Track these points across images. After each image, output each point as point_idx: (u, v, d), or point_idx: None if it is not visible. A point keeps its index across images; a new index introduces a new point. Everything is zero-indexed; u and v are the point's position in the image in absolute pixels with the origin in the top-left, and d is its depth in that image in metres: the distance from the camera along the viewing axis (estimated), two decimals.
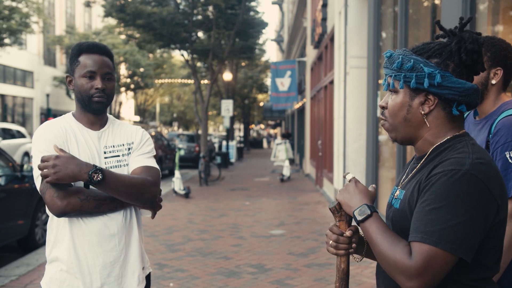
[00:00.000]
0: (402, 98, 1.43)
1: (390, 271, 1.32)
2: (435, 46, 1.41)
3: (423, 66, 1.38)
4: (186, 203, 10.49)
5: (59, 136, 1.92)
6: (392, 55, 1.45)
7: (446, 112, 1.41)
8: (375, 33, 7.09)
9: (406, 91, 1.42)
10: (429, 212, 1.28)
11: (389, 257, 1.32)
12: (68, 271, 1.92)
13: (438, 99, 1.39)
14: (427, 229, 1.27)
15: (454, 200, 1.26)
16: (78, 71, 1.97)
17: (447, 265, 1.27)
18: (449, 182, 1.28)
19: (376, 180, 7.15)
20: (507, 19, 4.06)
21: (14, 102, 31.71)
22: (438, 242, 1.25)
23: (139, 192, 1.91)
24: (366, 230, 1.40)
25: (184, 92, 52.84)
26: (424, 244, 1.27)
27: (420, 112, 1.41)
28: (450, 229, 1.25)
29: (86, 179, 1.80)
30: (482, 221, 1.28)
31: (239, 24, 17.85)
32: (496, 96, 2.02)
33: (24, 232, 6.17)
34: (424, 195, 1.32)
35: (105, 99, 1.98)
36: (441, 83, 1.36)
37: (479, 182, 1.28)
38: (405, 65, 1.40)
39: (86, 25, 41.94)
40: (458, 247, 1.25)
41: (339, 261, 1.54)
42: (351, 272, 5.16)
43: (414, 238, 1.30)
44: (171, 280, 4.98)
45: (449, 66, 1.38)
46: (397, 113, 1.44)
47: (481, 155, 1.34)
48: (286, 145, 17.55)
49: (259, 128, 74.68)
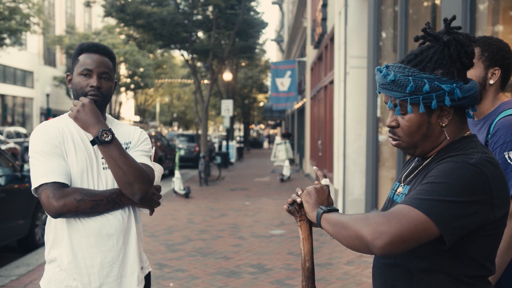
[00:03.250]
0: (419, 117, 1.39)
1: (359, 233, 1.26)
2: (433, 55, 1.37)
3: (439, 84, 1.34)
4: (186, 203, 10.49)
5: (56, 137, 1.92)
6: (397, 78, 1.38)
7: (460, 116, 1.42)
8: (375, 33, 7.09)
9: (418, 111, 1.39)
10: (426, 185, 1.29)
11: (358, 218, 1.29)
12: (67, 271, 1.92)
13: (453, 108, 1.39)
14: (418, 197, 1.27)
15: (455, 181, 1.26)
16: (76, 69, 1.98)
17: (423, 231, 1.23)
18: (455, 166, 1.29)
19: (376, 180, 7.15)
20: (507, 19, 4.06)
21: (14, 102, 31.72)
22: (425, 209, 1.23)
23: (134, 176, 1.89)
24: (328, 217, 1.40)
25: (184, 92, 52.84)
26: (408, 206, 1.25)
27: (439, 125, 1.40)
28: (441, 203, 1.24)
29: (95, 134, 1.88)
30: (475, 211, 1.27)
31: (239, 24, 17.85)
32: (494, 96, 2.02)
33: (24, 232, 6.17)
34: (427, 177, 1.33)
35: (99, 98, 1.97)
36: (460, 96, 1.35)
37: (484, 176, 1.28)
38: (422, 87, 1.34)
39: (86, 25, 41.95)
40: (441, 220, 1.23)
41: (304, 260, 1.55)
42: (351, 272, 5.16)
43: (402, 202, 1.29)
44: (171, 280, 4.98)
45: (454, 73, 1.37)
46: (415, 132, 1.42)
47: (491, 155, 1.36)
48: (286, 145, 17.55)
49: (259, 128, 74.67)
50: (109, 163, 1.90)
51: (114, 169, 1.90)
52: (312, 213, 1.48)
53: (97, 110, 1.94)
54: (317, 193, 1.51)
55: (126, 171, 1.89)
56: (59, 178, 1.86)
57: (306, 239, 1.55)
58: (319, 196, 1.51)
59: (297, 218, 1.55)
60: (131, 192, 1.91)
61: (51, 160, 1.88)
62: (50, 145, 1.90)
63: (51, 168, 1.86)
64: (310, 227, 1.56)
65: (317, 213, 1.45)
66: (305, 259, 1.55)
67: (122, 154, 1.91)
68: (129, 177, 1.89)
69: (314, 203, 1.49)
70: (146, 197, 1.96)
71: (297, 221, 1.56)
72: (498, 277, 1.85)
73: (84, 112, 1.91)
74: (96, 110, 1.93)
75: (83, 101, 1.93)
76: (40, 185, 1.85)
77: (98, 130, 1.88)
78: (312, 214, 1.48)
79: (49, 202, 1.82)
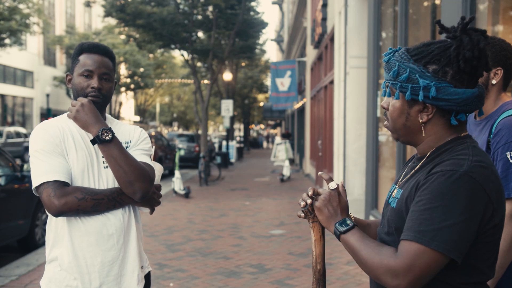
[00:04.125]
0: (401, 105, 1.41)
1: (375, 273, 1.31)
2: (434, 50, 1.35)
3: (418, 78, 1.33)
4: (186, 203, 10.49)
5: (56, 136, 1.92)
6: (390, 60, 1.42)
7: (446, 119, 1.38)
8: (375, 33, 7.09)
9: (404, 98, 1.40)
10: (424, 212, 1.27)
11: (374, 259, 1.31)
12: (67, 270, 1.92)
13: (436, 108, 1.36)
14: (420, 229, 1.26)
15: (450, 201, 1.25)
16: (77, 69, 1.98)
17: (436, 265, 1.25)
18: (446, 182, 1.26)
19: (376, 180, 7.15)
20: (507, 19, 4.06)
21: (14, 102, 31.72)
22: (431, 242, 1.24)
23: (135, 174, 1.89)
24: (348, 239, 1.40)
25: (184, 92, 52.86)
26: (414, 242, 1.25)
27: (418, 120, 1.39)
28: (444, 230, 1.24)
29: (95, 133, 1.88)
30: (476, 224, 1.27)
31: (239, 24, 17.85)
32: (497, 96, 2.02)
33: (24, 232, 6.17)
34: (420, 194, 1.30)
35: (100, 99, 1.97)
36: (436, 96, 1.32)
37: (476, 184, 1.26)
38: (401, 75, 1.37)
39: (86, 25, 41.95)
40: (451, 248, 1.24)
41: (315, 262, 1.53)
42: (351, 272, 5.16)
43: (406, 236, 1.28)
44: (171, 280, 4.98)
45: (448, 73, 1.33)
46: (396, 119, 1.43)
47: (482, 158, 1.32)
48: (286, 145, 17.55)
49: (259, 128, 74.65)
50: (109, 162, 1.90)
51: (114, 168, 1.89)
52: (328, 226, 1.48)
53: (96, 110, 1.94)
54: (326, 205, 1.49)
55: (127, 170, 1.89)
56: (60, 176, 1.85)
57: (318, 241, 1.53)
58: (332, 206, 1.48)
59: (309, 219, 1.52)
60: (132, 191, 1.91)
61: (52, 159, 1.87)
62: (50, 144, 1.90)
63: (52, 167, 1.86)
64: (323, 229, 1.54)
65: (335, 233, 1.45)
66: (316, 261, 1.52)
67: (123, 153, 1.90)
68: (130, 176, 1.89)
69: (328, 215, 1.48)
70: (147, 196, 1.96)
71: (310, 223, 1.53)
72: (499, 277, 1.84)
73: (84, 112, 1.91)
74: (95, 109, 1.94)
75: (81, 101, 1.93)
76: (41, 184, 1.85)
77: (98, 130, 1.88)
78: (327, 227, 1.49)
79: (50, 200, 1.82)
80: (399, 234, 1.36)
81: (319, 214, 1.49)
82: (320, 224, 1.52)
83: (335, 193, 1.50)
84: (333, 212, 1.47)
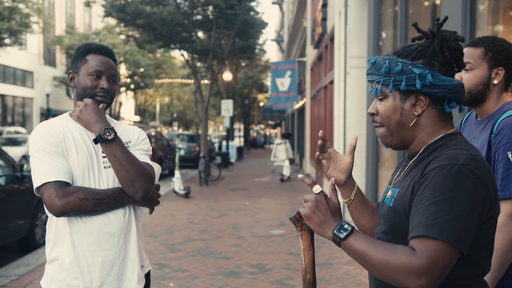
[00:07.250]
0: (393, 102, 1.43)
1: (394, 276, 1.26)
2: (417, 47, 1.43)
3: (412, 68, 1.39)
4: (186, 203, 10.49)
5: (56, 136, 1.92)
6: (377, 61, 1.46)
7: (438, 110, 1.42)
8: (375, 33, 7.09)
9: (396, 94, 1.42)
10: (429, 207, 1.27)
11: (390, 262, 1.26)
12: (68, 270, 1.92)
13: (429, 99, 1.41)
14: (428, 223, 1.25)
15: (453, 193, 1.26)
16: (85, 69, 1.98)
17: (453, 259, 1.25)
18: (446, 176, 1.28)
19: (376, 180, 7.15)
20: (507, 19, 4.06)
21: (14, 102, 31.72)
22: (441, 234, 1.23)
23: (136, 174, 1.89)
24: (351, 245, 1.34)
25: (184, 92, 52.86)
26: (427, 238, 1.24)
27: (413, 114, 1.42)
28: (451, 222, 1.24)
29: (98, 132, 1.90)
30: (478, 215, 1.29)
31: (239, 24, 17.86)
32: (498, 96, 2.02)
33: (24, 232, 6.17)
34: (422, 191, 1.31)
35: (107, 99, 2.01)
36: (432, 82, 1.38)
37: (475, 176, 1.28)
38: (394, 68, 1.41)
39: (86, 25, 41.95)
40: (459, 239, 1.24)
41: (304, 272, 1.46)
42: (351, 272, 5.16)
43: (416, 233, 1.26)
44: (171, 280, 4.98)
45: (435, 66, 1.41)
46: (390, 118, 1.44)
47: (474, 152, 1.36)
48: (286, 145, 17.55)
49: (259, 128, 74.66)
50: (111, 162, 1.91)
51: (116, 167, 1.90)
52: (323, 233, 1.41)
53: (99, 109, 1.95)
54: (315, 212, 1.41)
55: (129, 169, 1.89)
56: (62, 177, 1.86)
57: (307, 249, 1.46)
58: (321, 211, 1.41)
59: (297, 227, 1.45)
60: (133, 190, 1.92)
61: (53, 159, 1.88)
62: (51, 144, 1.90)
63: (53, 167, 1.86)
64: (312, 237, 1.47)
65: (334, 240, 1.38)
66: (306, 270, 1.45)
67: (125, 153, 1.91)
68: (132, 175, 1.90)
69: (319, 221, 1.41)
70: (148, 195, 1.97)
71: (298, 231, 1.45)
72: (500, 277, 1.84)
73: (87, 112, 1.92)
74: (98, 109, 1.95)
75: (85, 101, 1.95)
76: (42, 184, 1.85)
77: (100, 129, 1.89)
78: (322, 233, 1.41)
79: (52, 201, 1.82)
80: (396, 232, 1.37)
81: (309, 222, 1.42)
82: (308, 232, 1.44)
83: (321, 197, 1.42)
84: (324, 218, 1.40)
